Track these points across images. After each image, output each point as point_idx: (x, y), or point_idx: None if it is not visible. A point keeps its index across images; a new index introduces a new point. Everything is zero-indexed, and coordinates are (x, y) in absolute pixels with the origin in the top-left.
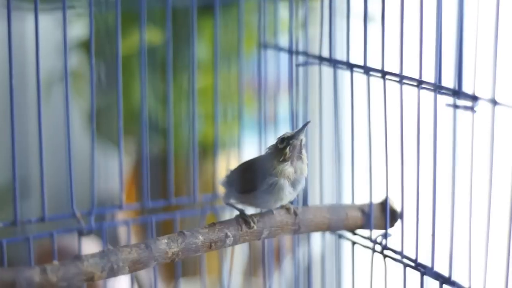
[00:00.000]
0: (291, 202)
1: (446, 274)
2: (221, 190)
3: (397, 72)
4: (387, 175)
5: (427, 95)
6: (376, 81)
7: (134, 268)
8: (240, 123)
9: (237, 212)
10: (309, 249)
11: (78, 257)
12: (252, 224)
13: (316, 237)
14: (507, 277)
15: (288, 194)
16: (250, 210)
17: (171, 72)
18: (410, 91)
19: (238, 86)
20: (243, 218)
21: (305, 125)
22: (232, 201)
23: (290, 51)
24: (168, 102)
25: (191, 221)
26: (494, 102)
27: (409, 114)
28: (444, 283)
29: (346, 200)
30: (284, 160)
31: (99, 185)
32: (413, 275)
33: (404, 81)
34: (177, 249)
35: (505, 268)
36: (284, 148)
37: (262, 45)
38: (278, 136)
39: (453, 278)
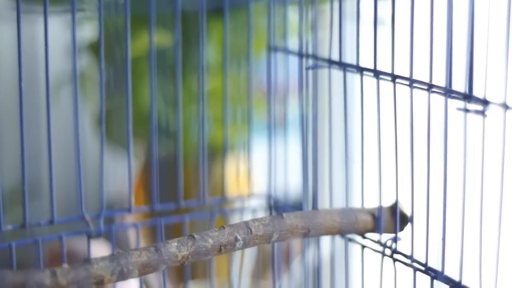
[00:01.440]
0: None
1: (457, 279)
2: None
3: (407, 75)
4: (397, 178)
5: (437, 99)
6: (386, 84)
7: (143, 271)
8: (249, 126)
9: (246, 218)
10: (319, 252)
11: (87, 260)
12: None
13: (325, 240)
14: None
15: None
16: (260, 214)
17: (180, 75)
18: (420, 94)
19: (247, 89)
20: None
21: None
22: None
23: (300, 54)
24: (177, 105)
25: (200, 224)
26: (505, 106)
27: (419, 118)
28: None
29: (356, 203)
30: None
31: (108, 188)
32: (423, 279)
33: (414, 84)
34: (187, 252)
35: None
36: None
37: (272, 48)
38: None
39: (464, 282)
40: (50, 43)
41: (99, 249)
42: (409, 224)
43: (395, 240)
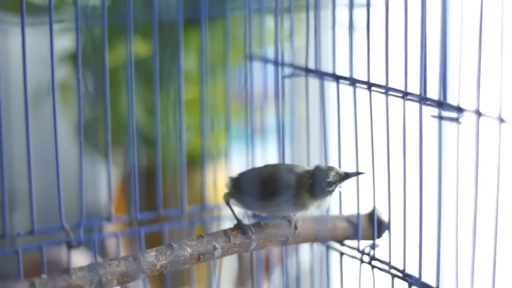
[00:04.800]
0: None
1: (434, 284)
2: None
3: (383, 83)
4: (374, 185)
5: (412, 107)
6: (362, 92)
7: (122, 281)
8: (228, 134)
9: (225, 226)
10: (298, 260)
11: (66, 270)
12: (250, 234)
13: (304, 248)
14: (494, 286)
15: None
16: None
17: (158, 84)
18: (395, 102)
19: (225, 98)
20: (240, 228)
21: (357, 174)
22: (233, 202)
23: (276, 63)
24: (156, 114)
25: (180, 233)
26: (478, 113)
27: (395, 125)
28: None
29: (334, 211)
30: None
31: (88, 197)
32: (401, 286)
33: (390, 92)
34: (165, 261)
35: (491, 278)
36: (330, 192)
37: (249, 57)
38: (329, 170)
39: None
40: (27, 54)
41: (80, 259)
42: (386, 231)
43: (373, 247)
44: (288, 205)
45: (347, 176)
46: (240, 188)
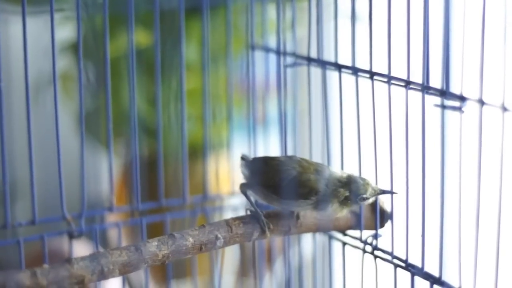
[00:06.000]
0: None
1: (437, 274)
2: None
3: (385, 72)
4: (376, 175)
5: (415, 96)
6: (364, 81)
7: (124, 270)
8: (230, 125)
9: (227, 216)
10: (300, 250)
11: (68, 260)
12: (267, 232)
13: (307, 238)
14: (497, 277)
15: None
16: (241, 212)
17: (159, 74)
18: (398, 91)
19: (227, 88)
20: (259, 223)
21: (392, 193)
22: (250, 192)
23: (278, 52)
24: (158, 104)
25: (181, 223)
26: (481, 102)
27: (397, 115)
28: (434, 283)
29: None
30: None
31: (90, 188)
32: (404, 276)
33: (392, 81)
34: (167, 251)
35: (495, 268)
36: (359, 204)
37: (251, 46)
38: (366, 185)
39: (443, 278)
40: (28, 43)
41: (81, 249)
42: (389, 221)
43: (375, 236)
44: (309, 207)
45: (381, 193)
46: (259, 178)
